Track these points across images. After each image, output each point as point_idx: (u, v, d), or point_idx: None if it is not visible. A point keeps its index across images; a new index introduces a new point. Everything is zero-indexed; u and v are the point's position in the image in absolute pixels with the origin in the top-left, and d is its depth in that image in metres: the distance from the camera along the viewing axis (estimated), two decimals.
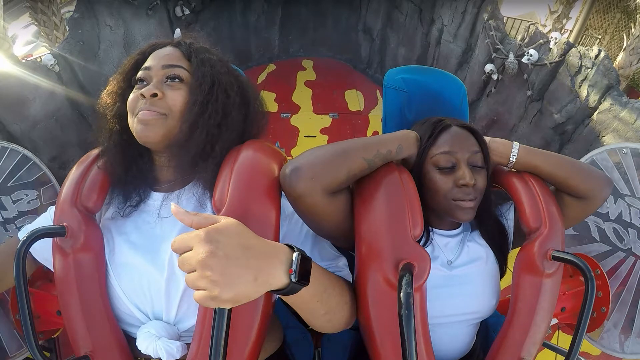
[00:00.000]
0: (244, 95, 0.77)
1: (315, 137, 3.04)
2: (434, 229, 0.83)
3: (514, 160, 0.81)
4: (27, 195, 1.22)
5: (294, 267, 0.49)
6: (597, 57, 1.97)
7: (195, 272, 0.43)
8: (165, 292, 0.65)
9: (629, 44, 3.51)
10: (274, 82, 3.45)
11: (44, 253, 0.73)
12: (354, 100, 3.36)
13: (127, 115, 0.72)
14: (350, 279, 0.73)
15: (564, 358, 0.71)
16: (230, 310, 0.47)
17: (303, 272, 0.50)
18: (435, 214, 0.82)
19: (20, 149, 1.25)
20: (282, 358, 0.85)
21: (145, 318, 0.67)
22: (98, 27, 2.36)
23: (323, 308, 0.61)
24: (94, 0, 2.32)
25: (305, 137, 3.03)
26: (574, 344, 0.69)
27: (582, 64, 2.02)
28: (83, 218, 0.69)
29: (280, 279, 0.49)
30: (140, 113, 0.68)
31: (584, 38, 5.25)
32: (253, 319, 0.60)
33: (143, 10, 2.60)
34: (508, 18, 4.16)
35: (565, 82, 2.10)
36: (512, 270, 0.80)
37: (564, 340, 0.98)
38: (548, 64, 2.13)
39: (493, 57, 2.36)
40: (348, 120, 3.19)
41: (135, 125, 0.69)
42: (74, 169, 0.76)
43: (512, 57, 2.26)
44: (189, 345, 0.62)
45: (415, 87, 0.98)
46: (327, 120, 3.17)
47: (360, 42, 3.63)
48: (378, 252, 0.66)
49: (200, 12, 3.05)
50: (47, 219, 0.77)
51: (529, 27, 2.28)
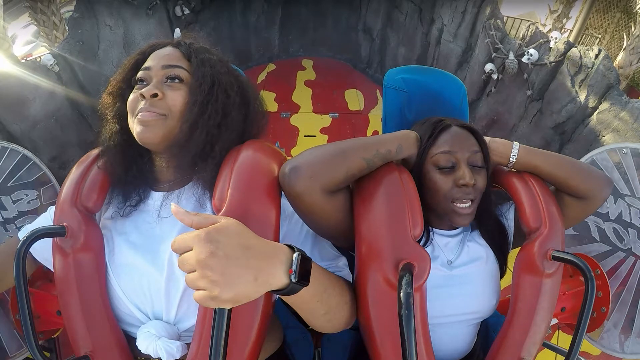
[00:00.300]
0: (244, 95, 0.77)
1: (315, 136, 3.04)
2: (434, 229, 0.83)
3: (514, 160, 0.81)
4: (27, 195, 1.22)
5: (294, 267, 0.49)
6: (597, 56, 1.97)
7: (195, 272, 0.43)
8: (165, 292, 0.65)
9: (629, 44, 3.51)
10: (274, 81, 3.45)
11: (44, 253, 0.73)
12: (354, 100, 3.36)
13: (127, 116, 0.72)
14: (350, 279, 0.72)
15: (564, 358, 0.71)
16: (230, 310, 0.47)
17: (303, 272, 0.50)
18: (435, 214, 0.82)
19: (20, 149, 1.25)
20: (282, 358, 0.85)
21: (145, 318, 0.67)
22: (98, 27, 2.36)
23: (323, 308, 0.61)
24: (94, 0, 2.32)
25: (305, 136, 3.03)
26: (574, 344, 0.69)
27: (582, 64, 2.02)
28: (83, 218, 0.69)
29: (280, 279, 0.49)
30: (140, 114, 0.68)
31: (584, 37, 5.25)
32: (253, 319, 0.60)
33: (143, 10, 2.60)
34: (508, 17, 4.16)
35: (566, 81, 2.09)
36: (512, 270, 0.80)
37: (564, 340, 0.98)
38: (548, 64, 2.13)
39: (493, 56, 2.36)
40: (348, 120, 3.19)
41: (135, 126, 0.69)
42: (74, 169, 0.76)
43: (512, 56, 2.25)
44: (189, 345, 0.62)
45: (415, 87, 0.98)
46: (327, 120, 3.17)
47: (360, 41, 3.63)
48: (378, 252, 0.66)
49: (200, 12, 3.05)
50: (47, 219, 0.77)
51: (529, 26, 2.27)
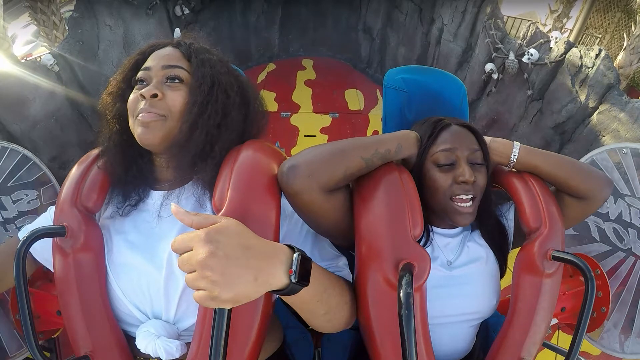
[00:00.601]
0: (244, 95, 0.77)
1: (315, 136, 3.03)
2: (434, 229, 0.83)
3: (515, 160, 0.81)
4: (27, 195, 1.22)
5: (294, 267, 0.49)
6: (597, 56, 1.96)
7: (195, 272, 0.43)
8: (164, 291, 0.65)
9: (629, 43, 3.51)
10: (274, 81, 3.44)
11: (44, 253, 0.73)
12: (354, 100, 3.35)
13: (127, 116, 0.72)
14: (350, 279, 0.72)
15: (564, 358, 0.71)
16: (230, 310, 0.47)
17: (303, 272, 0.50)
18: (435, 214, 0.82)
19: (20, 149, 1.25)
20: (282, 358, 0.85)
21: (145, 317, 0.67)
22: (97, 26, 2.36)
23: (323, 308, 0.61)
24: (94, 0, 2.32)
25: (305, 136, 3.02)
26: (574, 344, 0.69)
27: (582, 64, 2.01)
28: (83, 218, 0.69)
29: (280, 279, 0.49)
30: (141, 115, 0.68)
31: (585, 37, 5.25)
32: (253, 319, 0.60)
33: (143, 10, 2.59)
34: (508, 17, 4.16)
35: (566, 81, 2.09)
36: (512, 270, 0.80)
37: (564, 340, 0.98)
38: (548, 64, 2.13)
39: (493, 56, 2.36)
40: (348, 120, 3.18)
41: (136, 127, 0.69)
42: (74, 169, 0.76)
43: (512, 56, 2.25)
44: (189, 345, 0.62)
45: (415, 87, 0.98)
46: (327, 120, 3.17)
47: (360, 41, 3.63)
48: (378, 252, 0.66)
49: (200, 11, 3.05)
50: (47, 219, 0.77)
51: (529, 26, 2.27)
